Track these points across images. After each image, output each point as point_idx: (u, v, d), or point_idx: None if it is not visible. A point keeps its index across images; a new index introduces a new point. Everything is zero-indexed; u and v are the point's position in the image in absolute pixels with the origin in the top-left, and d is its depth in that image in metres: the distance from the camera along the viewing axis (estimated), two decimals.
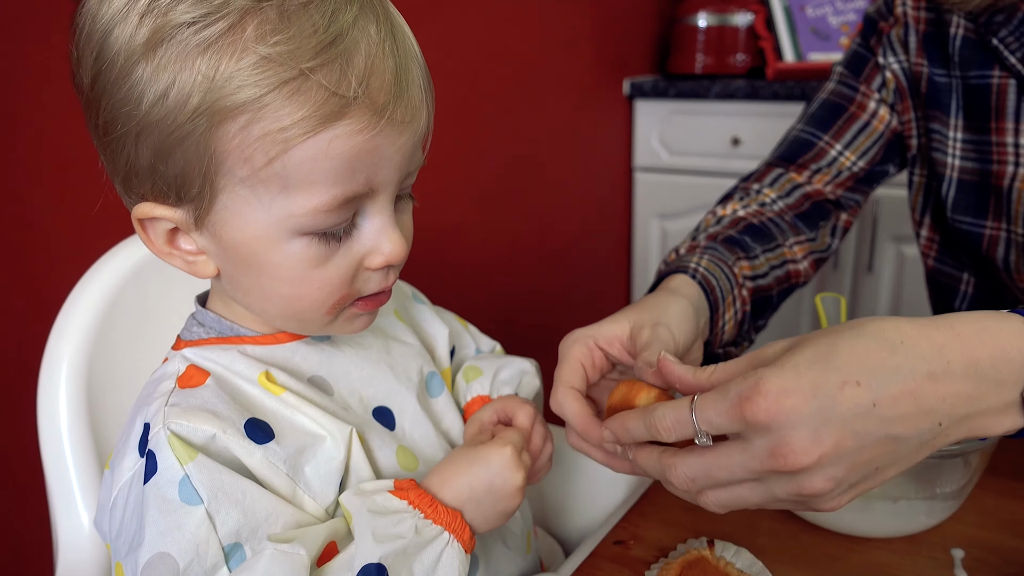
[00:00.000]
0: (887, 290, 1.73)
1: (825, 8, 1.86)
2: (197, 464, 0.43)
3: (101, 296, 0.64)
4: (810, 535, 0.58)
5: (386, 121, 0.43)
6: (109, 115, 0.42)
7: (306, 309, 0.48)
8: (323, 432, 0.48)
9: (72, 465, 0.61)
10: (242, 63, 0.39)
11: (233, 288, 0.49)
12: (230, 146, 0.41)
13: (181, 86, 0.40)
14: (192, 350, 0.49)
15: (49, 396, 0.61)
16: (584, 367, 0.55)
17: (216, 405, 0.46)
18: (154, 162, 0.42)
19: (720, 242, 0.74)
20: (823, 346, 0.41)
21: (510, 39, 1.48)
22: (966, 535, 0.57)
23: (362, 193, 0.44)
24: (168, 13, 0.40)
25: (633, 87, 1.86)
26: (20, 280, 0.82)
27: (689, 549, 0.55)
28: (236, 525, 0.43)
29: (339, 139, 0.41)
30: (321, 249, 0.45)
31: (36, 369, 0.62)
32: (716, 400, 0.41)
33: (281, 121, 0.40)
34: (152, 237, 0.47)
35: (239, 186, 0.43)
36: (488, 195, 1.49)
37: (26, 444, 0.69)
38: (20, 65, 0.79)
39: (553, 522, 0.80)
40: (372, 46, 0.42)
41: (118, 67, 0.41)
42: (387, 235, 0.46)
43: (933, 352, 0.40)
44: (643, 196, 1.95)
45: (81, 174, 0.85)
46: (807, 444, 0.39)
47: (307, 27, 0.40)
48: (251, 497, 0.44)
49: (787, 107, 1.72)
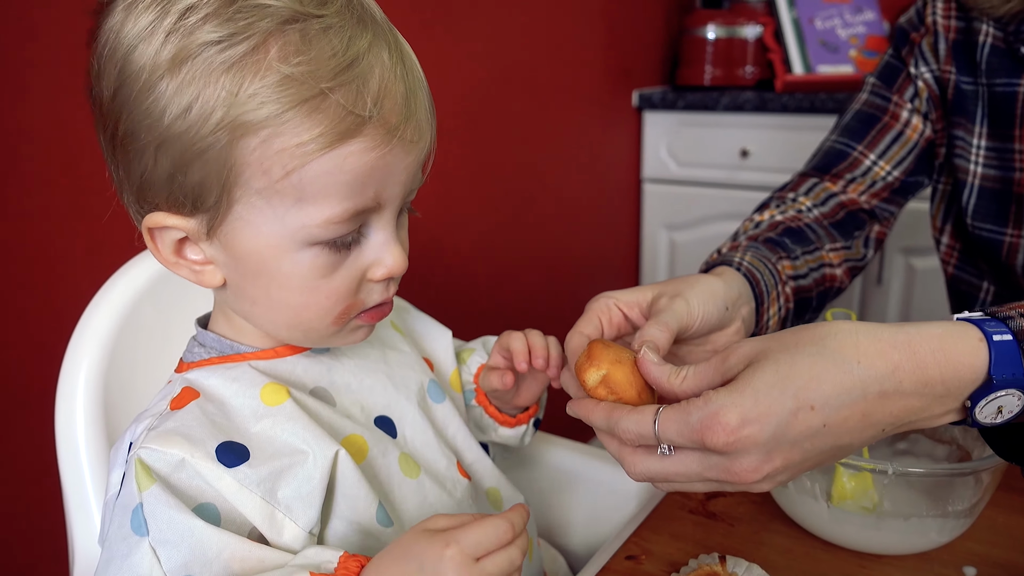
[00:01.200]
0: (896, 302, 1.72)
1: (834, 20, 1.87)
2: (152, 493, 0.44)
3: (118, 309, 0.65)
4: (822, 552, 0.58)
5: (397, 140, 0.45)
6: (129, 126, 0.44)
7: (312, 318, 0.49)
8: (307, 449, 0.48)
9: (88, 475, 0.61)
10: (265, 81, 0.41)
11: (239, 299, 0.50)
12: (250, 159, 0.43)
13: (204, 101, 0.42)
14: (193, 372, 0.50)
15: (67, 407, 0.62)
16: (601, 321, 0.56)
17: (192, 428, 0.47)
18: (173, 172, 0.44)
19: (761, 242, 0.74)
20: (783, 366, 0.43)
21: (519, 50, 1.49)
22: (978, 553, 0.57)
23: (370, 207, 0.46)
24: (194, 32, 0.41)
25: (642, 98, 1.86)
26: (38, 293, 0.83)
27: (701, 564, 0.55)
28: (183, 560, 0.43)
29: (354, 155, 0.43)
30: (330, 259, 0.47)
31: (54, 381, 0.63)
32: (678, 422, 0.44)
33: (300, 136, 0.42)
34: (160, 247, 0.48)
35: (255, 197, 0.44)
36: (497, 206, 1.50)
37: (44, 454, 0.70)
38: (36, 76, 0.80)
39: (556, 534, 0.80)
40: (385, 70, 0.45)
41: (142, 81, 0.42)
42: (389, 249, 0.48)
43: (887, 372, 0.43)
44: (652, 207, 1.95)
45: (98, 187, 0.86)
46: (758, 464, 0.43)
47: (327, 50, 0.42)
48: (198, 535, 0.44)
49: (796, 119, 1.72)
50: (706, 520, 0.61)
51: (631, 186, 1.93)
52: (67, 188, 0.84)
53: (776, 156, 1.78)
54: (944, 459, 0.62)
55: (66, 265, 0.85)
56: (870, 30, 1.88)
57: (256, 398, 0.49)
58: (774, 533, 0.60)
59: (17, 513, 0.85)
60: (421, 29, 1.23)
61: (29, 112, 0.80)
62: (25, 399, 0.83)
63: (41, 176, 0.82)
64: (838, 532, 0.57)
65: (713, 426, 0.42)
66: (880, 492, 0.56)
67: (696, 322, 0.56)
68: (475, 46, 1.38)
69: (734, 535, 0.59)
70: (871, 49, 1.86)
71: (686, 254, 1.94)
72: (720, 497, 0.64)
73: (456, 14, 1.32)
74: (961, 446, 0.61)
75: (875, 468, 0.54)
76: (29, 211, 0.81)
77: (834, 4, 1.87)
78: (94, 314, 0.65)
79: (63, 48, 0.81)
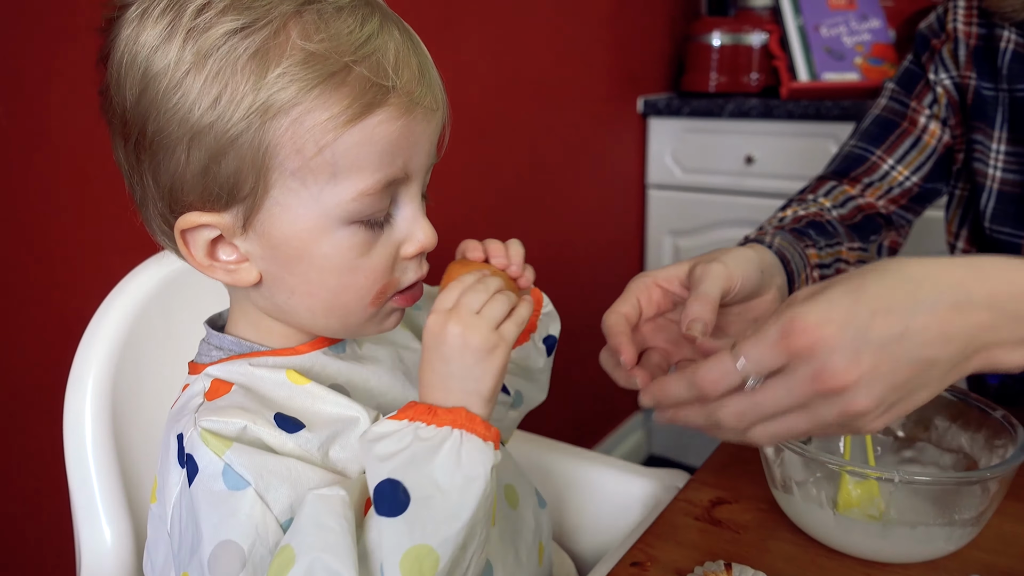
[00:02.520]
0: None
1: (839, 28, 1.87)
2: (235, 451, 0.44)
3: (127, 314, 0.65)
4: (828, 560, 0.58)
5: (419, 108, 0.47)
6: (159, 126, 0.44)
7: (352, 300, 0.49)
8: (355, 414, 0.49)
9: (96, 481, 0.61)
10: (290, 60, 0.43)
11: (276, 291, 0.50)
12: (283, 139, 0.44)
13: (233, 89, 0.43)
14: (215, 367, 0.51)
15: (75, 412, 0.62)
16: (640, 301, 0.57)
17: (244, 403, 0.47)
18: (207, 164, 0.44)
19: (788, 231, 0.75)
20: (853, 283, 0.44)
21: (525, 57, 1.49)
22: (985, 561, 0.56)
23: (400, 178, 0.47)
24: (214, 26, 0.43)
25: (647, 105, 1.86)
26: (47, 298, 0.84)
27: (706, 571, 0.55)
28: (288, 500, 0.44)
29: (382, 124, 0.45)
30: (367, 236, 0.48)
31: (63, 385, 0.63)
32: (758, 341, 0.44)
33: (330, 110, 0.44)
34: (193, 250, 0.48)
35: (290, 179, 0.45)
36: (501, 211, 1.50)
37: (51, 459, 0.70)
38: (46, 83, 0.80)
39: (568, 539, 0.80)
40: (399, 45, 0.47)
41: (167, 79, 0.43)
42: (419, 223, 0.50)
43: (954, 284, 0.43)
44: (656, 213, 1.95)
45: (106, 192, 0.87)
46: (847, 364, 0.42)
47: (343, 28, 0.44)
48: (295, 471, 0.45)
49: (801, 126, 1.72)
50: (712, 527, 0.61)
51: (636, 192, 1.94)
52: (76, 193, 0.84)
53: (781, 163, 1.78)
54: (951, 467, 0.62)
55: (75, 270, 0.85)
56: (876, 38, 1.88)
57: (285, 382, 0.50)
58: (780, 540, 0.60)
59: (25, 515, 0.85)
60: (427, 36, 1.24)
61: (36, 119, 0.80)
62: (34, 403, 0.83)
63: (50, 181, 0.82)
64: (844, 540, 0.57)
65: (793, 330, 0.42)
66: (886, 500, 0.56)
67: (736, 284, 0.56)
68: (480, 53, 1.38)
69: (740, 542, 0.59)
70: (877, 57, 1.86)
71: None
72: (726, 504, 0.64)
73: (462, 21, 1.33)
74: (968, 455, 0.61)
75: (881, 476, 0.53)
76: (38, 216, 0.82)
77: (840, 11, 1.87)
78: (103, 319, 0.65)
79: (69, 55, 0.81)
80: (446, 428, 0.45)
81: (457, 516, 0.43)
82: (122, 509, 0.62)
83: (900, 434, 0.65)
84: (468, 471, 0.44)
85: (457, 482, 0.44)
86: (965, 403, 0.61)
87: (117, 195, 0.89)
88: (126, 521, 0.62)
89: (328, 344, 0.54)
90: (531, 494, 0.64)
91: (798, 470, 0.59)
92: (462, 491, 0.44)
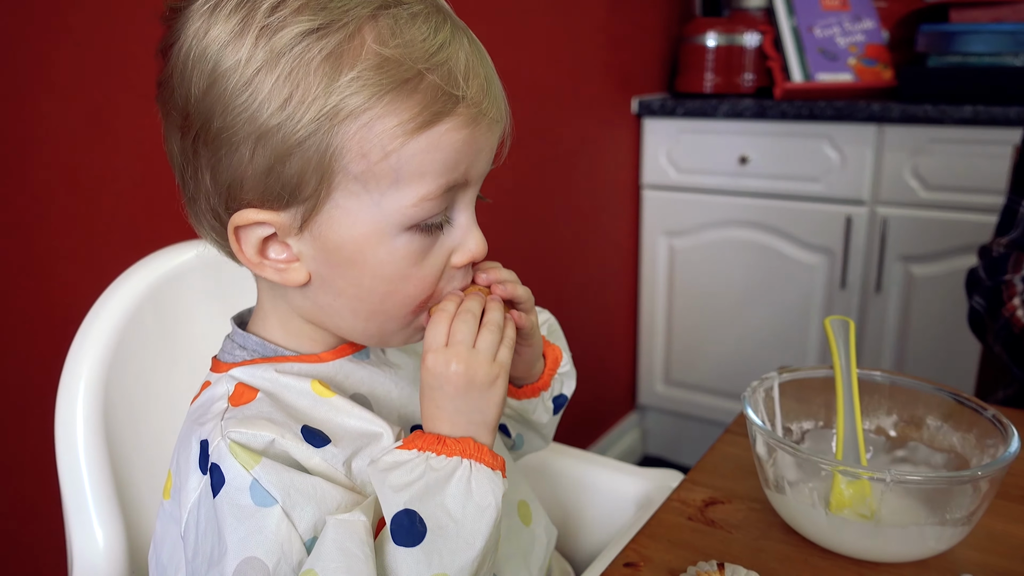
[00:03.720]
0: (895, 310, 1.73)
1: (833, 29, 1.87)
2: (263, 467, 0.44)
3: (120, 314, 0.65)
4: (820, 559, 0.58)
5: (484, 118, 0.47)
6: (225, 122, 0.44)
7: (396, 306, 0.49)
8: (379, 429, 0.50)
9: (88, 482, 0.61)
10: (364, 64, 0.42)
11: (321, 292, 0.49)
12: (350, 143, 0.43)
13: (304, 91, 0.42)
14: (239, 370, 0.50)
15: (67, 413, 0.62)
16: None
17: (271, 414, 0.47)
18: (272, 165, 0.44)
19: None
20: None
21: (520, 58, 1.49)
22: (976, 561, 0.57)
23: (460, 183, 0.47)
24: (288, 25, 0.42)
25: (642, 105, 1.87)
26: (39, 298, 0.83)
27: (699, 571, 0.55)
28: (313, 519, 0.44)
29: (449, 133, 0.45)
30: (423, 243, 0.47)
31: (54, 386, 0.63)
32: None
33: (400, 116, 0.43)
34: (244, 247, 0.48)
35: (353, 183, 0.45)
36: (496, 211, 1.50)
37: (43, 461, 0.70)
38: (40, 82, 0.80)
39: (562, 539, 0.80)
40: (469, 55, 0.46)
41: (238, 75, 0.43)
42: (472, 232, 0.50)
43: None
44: (651, 213, 1.95)
45: (100, 190, 0.86)
46: None
47: (418, 35, 0.44)
48: (321, 490, 0.45)
49: (795, 126, 1.73)
50: (705, 527, 0.61)
51: (631, 192, 1.94)
52: (69, 193, 0.84)
53: (775, 163, 1.78)
54: (942, 467, 0.62)
55: (66, 272, 0.85)
56: (869, 39, 1.88)
57: (309, 392, 0.50)
58: (772, 540, 0.60)
59: (16, 516, 0.85)
60: None
61: (30, 118, 0.80)
62: (26, 403, 0.83)
63: (43, 181, 0.82)
64: (836, 540, 0.57)
65: None
66: (878, 500, 0.56)
67: None
68: None
69: (732, 542, 0.60)
70: (870, 57, 1.87)
71: (685, 260, 1.94)
72: (719, 504, 0.64)
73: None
74: (959, 454, 0.61)
75: (873, 476, 0.54)
76: (30, 217, 0.82)
77: (833, 12, 1.88)
78: (95, 319, 0.65)
79: (64, 52, 0.81)
80: (456, 458, 0.46)
81: (471, 544, 0.44)
82: (114, 510, 0.61)
83: (892, 434, 0.65)
84: (479, 500, 0.45)
85: (470, 512, 0.45)
86: (956, 402, 0.61)
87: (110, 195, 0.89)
88: (118, 523, 0.61)
89: (353, 351, 0.54)
90: (542, 511, 0.64)
91: (791, 470, 0.59)
92: (475, 520, 0.45)
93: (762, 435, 0.57)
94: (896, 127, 1.62)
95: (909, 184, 1.64)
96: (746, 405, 0.60)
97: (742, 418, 0.67)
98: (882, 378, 0.65)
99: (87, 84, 0.83)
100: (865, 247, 1.72)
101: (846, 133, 1.68)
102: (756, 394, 0.62)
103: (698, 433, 2.01)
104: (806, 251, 1.80)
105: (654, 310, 2.01)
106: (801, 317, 1.84)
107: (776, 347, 1.88)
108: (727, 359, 1.94)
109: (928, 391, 0.63)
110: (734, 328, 1.92)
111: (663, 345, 2.03)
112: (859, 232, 1.71)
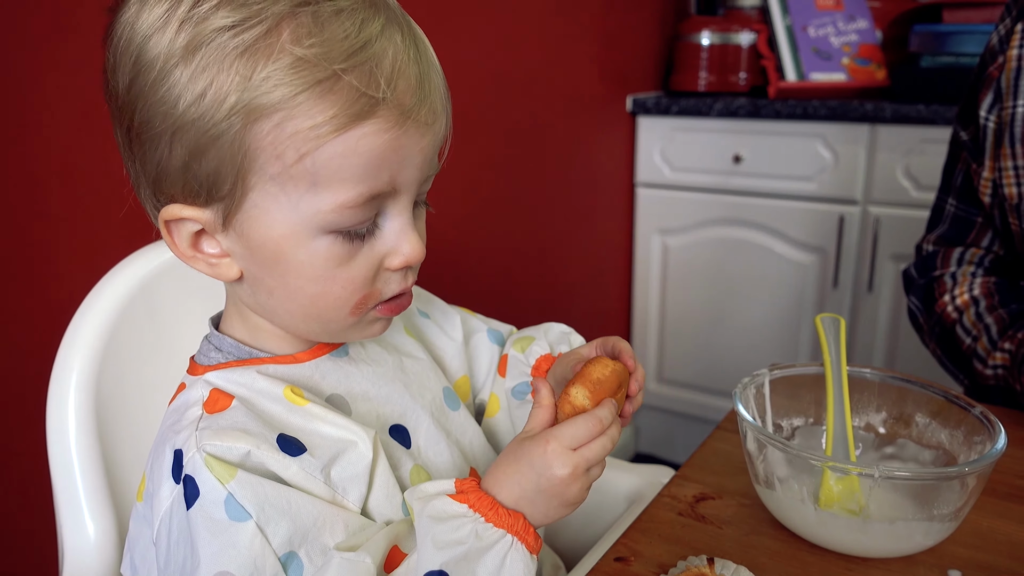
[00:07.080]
0: (887, 309, 1.73)
1: (827, 28, 1.88)
2: (238, 481, 0.44)
3: (111, 307, 0.65)
4: (809, 555, 0.58)
5: (411, 122, 0.45)
6: (145, 116, 0.44)
7: (329, 307, 0.49)
8: (352, 437, 0.49)
9: (79, 476, 0.61)
10: (278, 64, 0.42)
11: (256, 290, 0.49)
12: (263, 143, 0.43)
13: (218, 86, 0.42)
14: (214, 374, 0.50)
15: (58, 407, 0.62)
16: None
17: (247, 424, 0.47)
18: (188, 161, 0.44)
19: None
20: None
21: (514, 55, 1.49)
22: (963, 556, 0.57)
23: (385, 192, 0.46)
24: (208, 19, 0.42)
25: (636, 104, 1.87)
26: (31, 291, 0.83)
27: (689, 566, 0.55)
28: (287, 534, 0.44)
29: (367, 137, 0.43)
30: (345, 248, 0.46)
31: (46, 379, 0.63)
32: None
33: (314, 119, 0.42)
34: (177, 240, 0.48)
35: (269, 183, 0.44)
36: (491, 209, 1.50)
37: (34, 455, 0.70)
38: (32, 74, 0.80)
39: (552, 534, 0.80)
40: (398, 52, 0.45)
41: (156, 70, 0.43)
42: (406, 237, 0.48)
43: None
44: (645, 211, 1.96)
45: (92, 185, 0.86)
46: None
47: (339, 32, 0.43)
48: (296, 504, 0.45)
49: (788, 125, 1.74)
50: (695, 522, 0.62)
51: (625, 190, 1.94)
52: (60, 188, 0.84)
53: (768, 162, 1.79)
54: (930, 463, 0.62)
55: (58, 266, 0.85)
56: (863, 38, 1.89)
57: (282, 399, 0.49)
58: (762, 536, 0.60)
59: (7, 510, 0.85)
60: None
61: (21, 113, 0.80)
62: (16, 401, 0.83)
63: (34, 176, 0.82)
64: (825, 535, 0.57)
65: None
66: (867, 495, 0.56)
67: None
68: (470, 52, 1.38)
69: (722, 537, 0.60)
70: (864, 57, 1.87)
71: (679, 258, 1.95)
72: (709, 500, 0.65)
73: (450, 20, 1.32)
74: (947, 451, 0.62)
75: (862, 472, 0.54)
76: (21, 211, 0.81)
77: (827, 12, 1.88)
78: (87, 313, 0.65)
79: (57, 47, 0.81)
80: (502, 531, 0.46)
81: None
82: (105, 504, 0.61)
83: (881, 430, 0.66)
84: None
85: None
86: (945, 400, 0.62)
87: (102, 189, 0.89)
88: (109, 516, 0.61)
89: (330, 350, 0.54)
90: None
91: (781, 466, 0.60)
92: None
93: (752, 431, 0.58)
94: (889, 127, 1.63)
95: (901, 184, 1.65)
96: (737, 401, 0.60)
97: (733, 414, 0.67)
98: (872, 375, 0.66)
99: (79, 78, 0.82)
100: (857, 246, 1.73)
101: (839, 132, 1.68)
102: (747, 390, 0.63)
103: (690, 431, 2.02)
104: (799, 250, 1.80)
105: (647, 308, 2.02)
106: (794, 316, 1.85)
107: (769, 346, 1.89)
108: (719, 357, 1.95)
109: (917, 389, 0.64)
110: (727, 326, 1.93)
111: (656, 342, 2.03)
112: (851, 231, 1.72)
